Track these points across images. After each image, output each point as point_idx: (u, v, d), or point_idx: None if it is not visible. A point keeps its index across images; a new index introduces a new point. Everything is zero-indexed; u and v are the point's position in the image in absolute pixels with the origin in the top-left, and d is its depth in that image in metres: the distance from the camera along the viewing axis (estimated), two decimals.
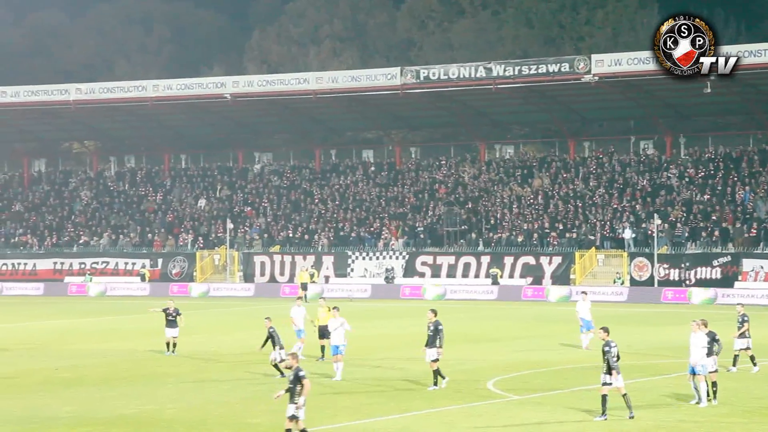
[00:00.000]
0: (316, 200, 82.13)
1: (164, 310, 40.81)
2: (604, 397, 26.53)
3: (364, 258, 73.73)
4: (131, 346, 43.40)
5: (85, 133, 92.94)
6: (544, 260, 69.39)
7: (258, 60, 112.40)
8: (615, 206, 72.53)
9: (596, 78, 68.96)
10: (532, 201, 75.54)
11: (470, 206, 76.35)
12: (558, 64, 70.64)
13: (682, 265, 65.38)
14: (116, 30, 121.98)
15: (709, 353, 28.78)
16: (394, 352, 40.26)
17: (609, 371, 26.45)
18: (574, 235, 70.79)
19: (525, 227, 72.76)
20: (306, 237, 77.99)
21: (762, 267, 63.64)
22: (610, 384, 26.42)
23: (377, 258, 73.34)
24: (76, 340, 46.37)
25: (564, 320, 53.49)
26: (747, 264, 63.97)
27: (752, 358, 33.80)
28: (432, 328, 31.51)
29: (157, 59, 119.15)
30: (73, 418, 27.41)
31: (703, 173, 73.08)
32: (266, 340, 34.59)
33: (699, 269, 64.88)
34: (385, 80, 75.31)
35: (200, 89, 79.94)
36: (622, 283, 66.50)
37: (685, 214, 69.78)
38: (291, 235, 78.68)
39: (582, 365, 36.31)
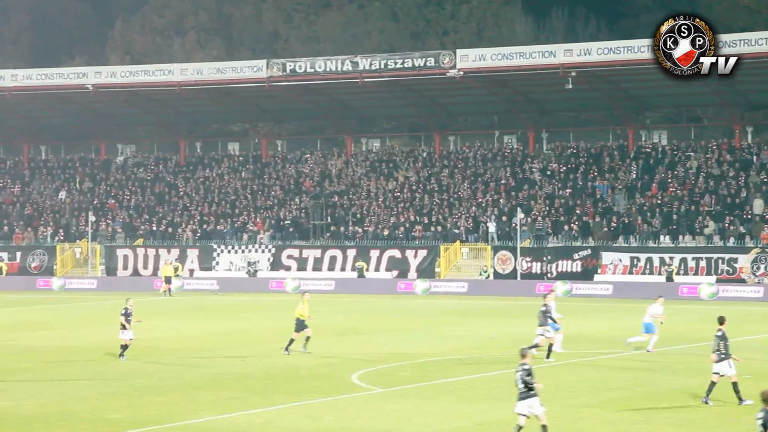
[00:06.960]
0: (181, 193, 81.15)
1: (124, 310, 36.21)
2: None
3: (229, 251, 73.11)
4: None
5: None
6: (409, 253, 69.76)
7: (121, 50, 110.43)
8: (479, 200, 73.32)
9: (461, 73, 69.52)
10: (397, 194, 75.90)
11: (336, 199, 76.35)
12: (423, 59, 71.06)
13: (544, 259, 66.45)
14: None
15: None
16: (256, 346, 39.97)
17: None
18: (439, 229, 71.35)
19: (391, 221, 73.08)
20: (170, 230, 76.99)
21: (620, 260, 65.07)
22: None
23: (243, 251, 72.81)
24: None
25: (428, 314, 53.87)
26: (606, 257, 65.34)
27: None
28: None
29: (15, 48, 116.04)
30: None
31: (564, 168, 74.36)
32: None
33: (560, 262, 66.03)
34: (251, 73, 74.75)
35: (61, 79, 78.22)
36: (488, 276, 67.23)
37: (547, 208, 70.93)
38: (155, 228, 77.60)
39: (446, 358, 36.62)
